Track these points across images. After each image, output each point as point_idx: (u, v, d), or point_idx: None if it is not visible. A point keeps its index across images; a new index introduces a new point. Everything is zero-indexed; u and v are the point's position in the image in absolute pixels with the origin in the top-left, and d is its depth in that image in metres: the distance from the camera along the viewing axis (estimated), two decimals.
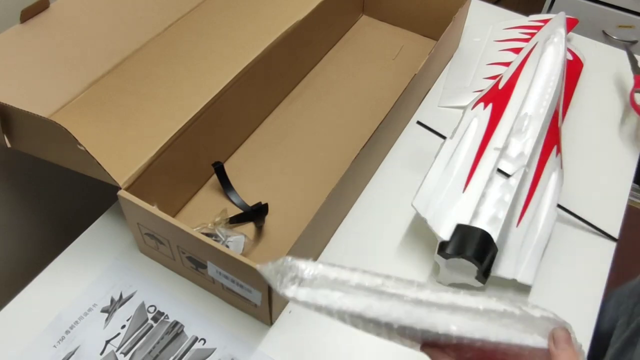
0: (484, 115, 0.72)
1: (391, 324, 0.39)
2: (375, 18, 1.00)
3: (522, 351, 0.38)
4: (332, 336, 0.60)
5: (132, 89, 0.69)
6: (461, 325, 0.38)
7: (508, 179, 0.64)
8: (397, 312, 0.39)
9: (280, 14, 0.80)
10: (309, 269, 0.40)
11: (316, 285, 0.40)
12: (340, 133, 0.80)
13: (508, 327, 0.38)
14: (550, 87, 0.72)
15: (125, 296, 0.63)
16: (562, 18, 0.82)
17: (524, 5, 1.38)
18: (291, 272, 0.40)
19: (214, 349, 0.59)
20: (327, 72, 0.90)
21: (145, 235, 0.61)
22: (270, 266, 0.41)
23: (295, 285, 0.40)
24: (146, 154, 0.61)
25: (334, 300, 0.39)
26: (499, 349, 0.38)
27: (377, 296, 0.39)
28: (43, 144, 0.59)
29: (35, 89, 0.65)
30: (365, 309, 0.39)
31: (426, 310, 0.39)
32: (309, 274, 0.40)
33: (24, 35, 0.64)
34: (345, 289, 0.40)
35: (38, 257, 0.69)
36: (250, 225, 0.69)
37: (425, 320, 0.39)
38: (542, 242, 0.63)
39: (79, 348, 0.59)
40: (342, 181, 0.61)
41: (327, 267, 0.41)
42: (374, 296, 0.40)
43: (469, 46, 0.95)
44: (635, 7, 1.44)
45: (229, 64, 0.71)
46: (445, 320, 0.38)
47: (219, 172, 0.72)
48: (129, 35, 0.74)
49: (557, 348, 0.37)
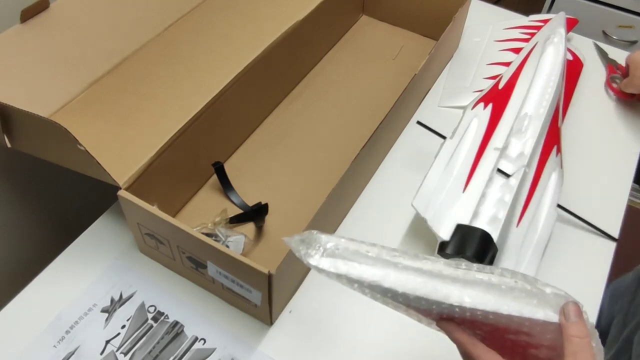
0: (484, 115, 0.72)
1: (407, 295, 0.40)
2: (375, 18, 1.00)
3: (533, 327, 0.39)
4: (332, 336, 0.60)
5: (132, 89, 0.69)
6: (474, 297, 0.39)
7: (508, 179, 0.64)
8: (414, 282, 0.41)
9: (280, 14, 0.80)
10: (332, 241, 0.43)
11: (338, 255, 0.42)
12: (340, 133, 0.80)
13: (520, 300, 0.39)
14: (550, 87, 0.72)
15: (125, 296, 0.63)
16: (562, 18, 0.82)
17: (524, 5, 1.38)
18: (315, 244, 0.43)
19: (214, 349, 0.59)
20: (327, 72, 0.90)
21: (145, 235, 0.61)
22: (296, 238, 0.44)
23: (319, 255, 0.42)
24: (146, 154, 0.61)
25: (354, 270, 0.42)
26: (512, 325, 0.39)
27: (395, 267, 0.42)
28: (43, 144, 0.59)
29: (35, 89, 0.65)
30: (383, 278, 0.41)
31: (441, 282, 0.40)
32: (331, 246, 0.43)
33: (24, 35, 0.64)
34: (365, 260, 0.42)
35: (38, 257, 0.69)
36: (250, 225, 0.69)
37: (440, 292, 0.40)
38: (542, 242, 0.63)
39: (79, 348, 0.59)
40: (342, 181, 0.61)
41: (349, 241, 0.43)
42: (391, 267, 0.42)
43: (469, 46, 0.95)
44: (635, 7, 1.44)
45: (229, 64, 0.71)
46: (459, 292, 0.40)
47: (219, 172, 0.72)
48: (129, 35, 0.74)
49: (568, 321, 0.38)
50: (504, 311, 0.39)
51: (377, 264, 0.42)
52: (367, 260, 0.42)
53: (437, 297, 0.40)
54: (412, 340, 0.60)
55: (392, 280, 0.41)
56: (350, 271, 0.42)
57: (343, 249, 0.43)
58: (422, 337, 0.61)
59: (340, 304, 0.63)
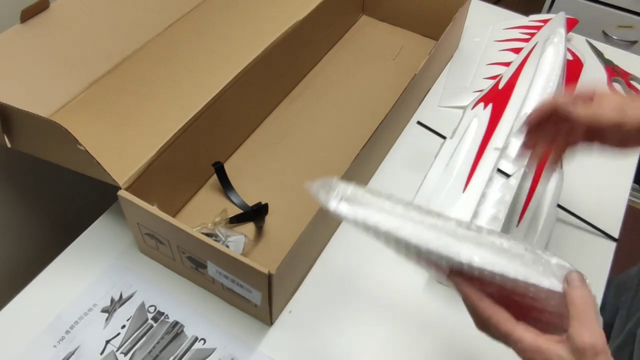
0: (484, 115, 0.72)
1: (419, 247, 0.42)
2: (375, 18, 1.00)
3: (538, 293, 0.40)
4: (332, 336, 0.60)
5: (132, 89, 0.69)
6: (483, 257, 0.40)
7: (508, 179, 0.64)
8: (427, 236, 0.42)
9: (280, 14, 0.80)
10: (352, 189, 0.45)
11: (356, 203, 0.44)
12: (340, 133, 0.80)
13: (528, 267, 0.40)
14: (550, 87, 0.72)
15: (125, 296, 0.63)
16: (562, 18, 0.82)
17: (524, 5, 1.38)
18: (335, 190, 0.44)
19: (214, 349, 0.59)
20: (327, 72, 0.90)
21: (145, 235, 0.61)
22: (317, 183, 0.45)
23: (337, 200, 0.44)
24: (146, 154, 0.61)
25: (371, 217, 0.43)
26: (517, 289, 0.40)
27: (410, 220, 0.43)
28: (43, 144, 0.59)
29: (35, 89, 0.65)
30: (398, 229, 0.42)
31: (453, 239, 0.41)
32: (351, 193, 0.44)
33: (24, 35, 0.64)
34: (382, 209, 0.43)
35: (38, 257, 0.69)
36: (250, 225, 0.69)
37: (451, 248, 0.41)
38: (542, 242, 0.63)
39: (79, 348, 0.59)
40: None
41: (368, 191, 0.45)
42: (407, 219, 0.43)
43: (469, 46, 0.95)
44: (635, 7, 1.44)
45: (229, 64, 0.71)
46: (470, 251, 0.41)
47: (219, 172, 0.72)
48: (129, 35, 0.74)
49: (571, 287, 0.38)
50: (510, 274, 0.39)
51: (393, 214, 0.43)
52: (384, 209, 0.43)
53: (448, 253, 0.41)
54: (412, 340, 0.60)
55: (406, 232, 0.42)
56: (367, 218, 0.43)
57: (362, 196, 0.44)
58: (422, 337, 0.61)
59: (340, 304, 0.63)
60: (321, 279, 0.65)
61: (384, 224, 0.43)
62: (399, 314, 0.62)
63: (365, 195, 0.44)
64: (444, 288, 0.64)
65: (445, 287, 0.64)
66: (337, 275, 0.65)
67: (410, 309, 0.63)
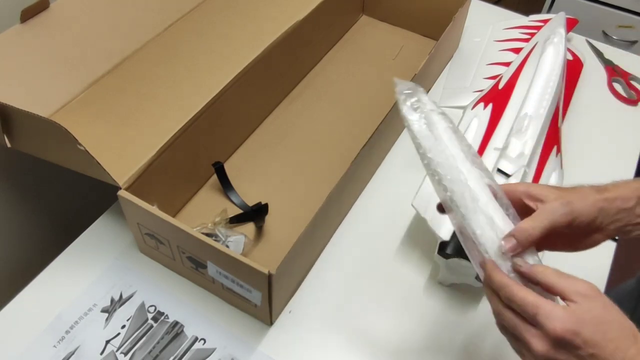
0: (484, 115, 0.72)
1: (454, 190, 0.44)
2: (375, 18, 1.00)
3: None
4: (332, 336, 0.60)
5: (132, 89, 0.69)
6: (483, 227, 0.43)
7: (508, 179, 0.64)
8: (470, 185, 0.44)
9: (280, 14, 0.80)
10: (429, 105, 0.47)
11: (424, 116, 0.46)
12: (340, 133, 0.80)
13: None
14: (550, 87, 0.72)
15: (125, 296, 0.63)
16: (562, 18, 0.82)
17: (524, 5, 1.38)
18: (416, 97, 0.47)
19: (214, 349, 0.59)
20: (327, 72, 0.90)
21: (145, 235, 0.61)
22: (405, 84, 0.48)
23: (410, 105, 0.47)
24: (146, 154, 0.61)
25: (427, 141, 0.46)
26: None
27: (460, 161, 0.45)
28: (43, 144, 0.59)
29: (35, 89, 0.65)
30: (442, 165, 0.45)
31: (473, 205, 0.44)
32: (428, 110, 0.47)
33: (24, 35, 0.64)
34: (440, 139, 0.46)
35: (38, 257, 0.69)
36: (250, 225, 0.69)
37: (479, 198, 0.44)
38: None
39: (79, 348, 0.59)
40: (342, 181, 0.61)
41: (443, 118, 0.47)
42: (457, 159, 0.45)
43: (469, 46, 0.95)
44: (635, 7, 1.45)
45: (229, 64, 0.71)
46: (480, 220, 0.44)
47: (219, 172, 0.72)
48: (129, 35, 0.74)
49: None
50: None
51: (448, 150, 0.45)
52: (447, 149, 0.45)
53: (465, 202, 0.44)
54: (412, 339, 0.60)
55: (452, 185, 0.44)
56: (420, 134, 0.46)
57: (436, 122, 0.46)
58: (423, 337, 0.61)
59: (340, 304, 0.63)
60: (321, 279, 0.65)
61: (433, 154, 0.45)
62: (399, 314, 0.62)
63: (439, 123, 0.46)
64: (445, 288, 0.64)
65: (445, 287, 0.64)
66: (337, 275, 0.65)
67: (410, 309, 0.63)
